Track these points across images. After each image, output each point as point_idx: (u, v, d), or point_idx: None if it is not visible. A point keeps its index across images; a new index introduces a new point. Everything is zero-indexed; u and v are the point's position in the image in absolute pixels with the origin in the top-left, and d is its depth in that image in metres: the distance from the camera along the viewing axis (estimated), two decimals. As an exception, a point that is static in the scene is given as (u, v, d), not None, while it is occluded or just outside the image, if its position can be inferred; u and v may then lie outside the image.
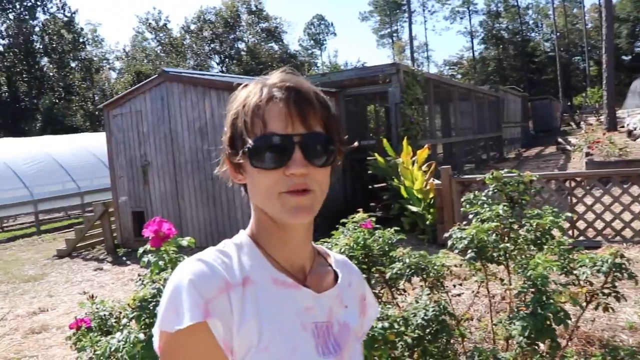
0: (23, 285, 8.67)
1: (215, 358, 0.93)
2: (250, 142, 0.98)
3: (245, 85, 1.06)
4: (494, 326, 3.60)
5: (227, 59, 55.48)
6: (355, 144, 1.26)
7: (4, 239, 14.16)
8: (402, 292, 3.70)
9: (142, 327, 2.43)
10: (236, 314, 0.94)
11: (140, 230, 2.66)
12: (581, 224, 7.32)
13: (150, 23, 56.40)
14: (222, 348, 0.93)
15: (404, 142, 9.70)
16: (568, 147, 20.66)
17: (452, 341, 3.69)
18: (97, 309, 3.18)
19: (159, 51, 55.37)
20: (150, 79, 10.33)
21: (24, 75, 43.69)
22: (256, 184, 1.00)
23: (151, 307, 2.44)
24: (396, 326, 2.75)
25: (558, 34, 63.59)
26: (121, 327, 2.68)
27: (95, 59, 51.70)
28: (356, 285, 1.21)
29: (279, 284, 1.02)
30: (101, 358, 2.76)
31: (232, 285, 0.95)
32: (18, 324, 6.55)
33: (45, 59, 45.80)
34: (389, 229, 3.82)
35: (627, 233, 7.06)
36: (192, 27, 56.16)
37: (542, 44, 72.02)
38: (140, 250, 2.67)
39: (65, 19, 45.69)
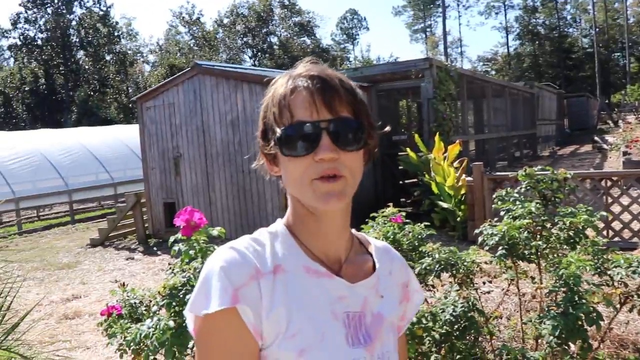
0: (57, 273, 8.87)
1: (244, 342, 0.96)
2: (280, 131, 1.00)
3: (276, 80, 1.08)
4: (523, 325, 3.55)
5: (259, 53, 55.71)
6: (387, 128, 1.27)
7: (40, 228, 14.51)
8: (431, 288, 3.67)
9: (172, 314, 2.46)
10: (266, 300, 0.97)
11: (171, 221, 2.69)
12: (617, 225, 7.17)
13: (183, 17, 56.99)
14: (251, 333, 0.96)
15: (436, 138, 9.62)
16: (605, 146, 20.23)
17: (480, 339, 3.66)
18: (127, 296, 3.23)
19: (192, 45, 55.92)
20: (183, 71, 10.43)
21: (61, 68, 44.71)
22: (289, 173, 1.03)
23: (181, 295, 2.47)
24: (424, 321, 2.74)
25: (597, 29, 62.17)
26: (151, 315, 2.72)
27: (129, 52, 52.53)
28: (398, 272, 1.21)
29: (312, 273, 1.03)
30: (131, 344, 2.81)
31: (262, 273, 0.98)
32: (52, 310, 6.71)
33: (81, 52, 46.77)
34: (418, 224, 3.80)
35: (665, 235, 6.89)
36: (225, 20, 56.55)
37: (580, 40, 70.52)
38: (171, 239, 2.70)
39: (101, 12, 46.58)
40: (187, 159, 10.11)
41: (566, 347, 2.78)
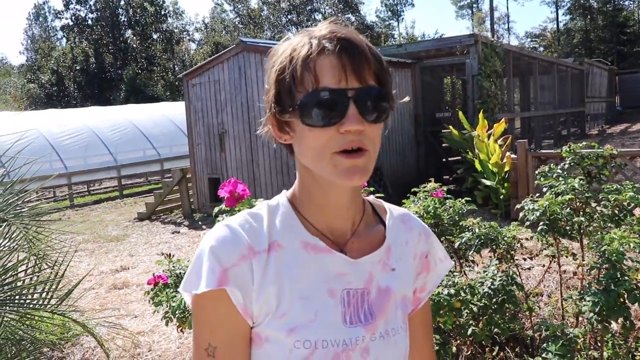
0: (107, 245, 9.18)
1: (233, 322, 0.96)
2: (301, 97, 0.92)
3: (287, 39, 1.00)
4: (563, 302, 3.54)
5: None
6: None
7: (91, 202, 14.97)
8: (471, 263, 3.69)
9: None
10: (257, 280, 0.94)
11: (216, 196, 2.77)
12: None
13: (228, -6, 57.20)
14: (240, 314, 0.95)
15: (480, 115, 9.50)
16: (658, 124, 19.57)
17: (519, 315, 3.67)
18: (173, 267, 3.36)
19: (237, 22, 56.15)
20: (228, 49, 10.53)
21: (110, 47, 45.65)
22: (307, 143, 0.95)
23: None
24: (462, 294, 2.76)
25: (654, 3, 59.54)
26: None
27: (175, 30, 53.08)
28: (415, 242, 1.14)
29: (310, 249, 0.99)
30: (176, 312, 2.93)
31: (256, 251, 0.95)
32: (102, 280, 6.97)
33: (129, 32, 47.56)
34: (460, 199, 3.80)
35: None
36: (270, -3, 56.50)
37: (637, 13, 67.79)
38: (216, 210, 2.79)
39: (148, -8, 47.13)
40: (231, 135, 10.25)
41: (607, 325, 2.76)
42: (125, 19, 47.04)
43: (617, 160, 3.91)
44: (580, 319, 3.30)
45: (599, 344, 3.10)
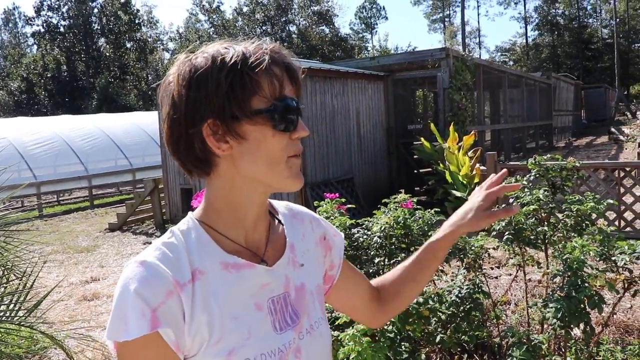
0: (77, 256, 9.09)
1: None
2: (268, 104, 0.95)
3: (223, 49, 0.98)
4: (529, 309, 3.63)
5: (278, 42, 55.51)
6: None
7: (60, 212, 14.78)
8: (440, 273, 3.76)
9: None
10: (187, 313, 0.92)
11: (188, 206, 2.80)
12: (629, 215, 7.20)
13: (203, 5, 57.16)
14: (173, 351, 0.91)
15: (451, 128, 9.66)
16: (621, 138, 20.09)
17: (487, 323, 3.76)
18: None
19: (211, 33, 56.06)
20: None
21: (82, 55, 45.19)
22: (267, 149, 0.97)
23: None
24: (430, 302, 2.83)
25: (617, 19, 61.21)
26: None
27: (149, 39, 52.81)
28: (310, 231, 1.20)
29: (230, 268, 0.99)
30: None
31: (181, 284, 0.92)
32: (72, 291, 6.90)
33: (103, 40, 47.13)
34: (429, 210, 3.88)
35: (677, 226, 6.91)
36: (245, 9, 56.51)
37: (600, 31, 69.51)
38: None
39: (122, 0, 46.77)
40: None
41: (569, 330, 2.86)
42: (99, 27, 46.59)
43: (581, 172, 4.03)
44: (545, 325, 3.40)
45: (562, 350, 3.20)
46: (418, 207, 3.93)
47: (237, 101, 0.93)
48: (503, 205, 3.59)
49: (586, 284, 2.74)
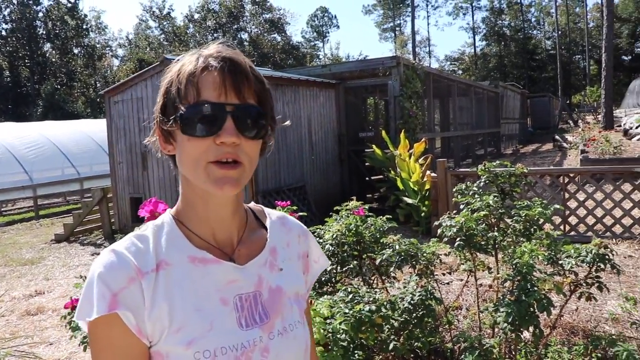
0: (20, 269, 8.75)
1: (129, 345, 0.97)
2: (182, 109, 0.98)
3: (182, 58, 1.07)
4: (480, 314, 3.68)
5: (233, 44, 55.29)
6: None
7: (3, 223, 14.24)
8: (392, 280, 3.77)
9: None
10: (147, 300, 0.97)
11: (138, 216, 2.72)
12: (573, 220, 7.41)
13: (154, 11, 56.41)
14: (135, 335, 0.96)
15: (402, 135, 9.77)
16: (565, 145, 20.74)
17: (439, 329, 3.79)
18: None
19: (162, 39, 55.35)
20: (152, 66, 10.37)
21: (26, 61, 43.84)
22: (185, 153, 1.00)
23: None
24: (383, 310, 2.82)
25: (559, 32, 63.45)
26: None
27: (98, 46, 51.71)
28: (296, 243, 1.22)
29: (197, 262, 1.03)
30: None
31: (143, 272, 0.97)
32: (14, 306, 6.63)
33: (48, 45, 45.88)
34: (381, 217, 3.89)
35: (617, 229, 7.15)
36: (196, 16, 56.07)
37: (544, 42, 71.95)
38: (136, 229, 2.73)
39: (69, 4, 45.72)
40: (154, 153, 9.97)
41: (519, 334, 2.90)
42: (44, 32, 45.34)
43: (528, 178, 4.12)
44: (495, 329, 3.44)
45: (513, 353, 3.25)
46: (370, 214, 3.95)
47: (168, 106, 1.02)
48: (455, 212, 3.64)
49: (535, 288, 2.80)
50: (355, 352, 2.72)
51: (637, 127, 20.76)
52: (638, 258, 6.00)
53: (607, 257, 3.01)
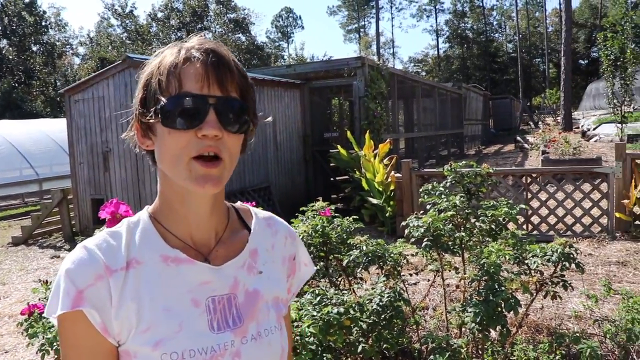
0: (-25, 272, 8.48)
1: (94, 343, 0.95)
2: (163, 100, 0.95)
3: (162, 52, 1.04)
4: (447, 314, 3.69)
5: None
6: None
7: (-43, 225, 13.80)
8: (360, 281, 3.75)
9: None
10: (115, 298, 0.95)
11: (99, 218, 2.64)
12: (535, 219, 7.53)
13: (116, 9, 55.42)
14: (101, 334, 0.95)
15: (367, 136, 9.79)
16: (526, 146, 21.15)
17: (407, 329, 3.78)
18: (51, 294, 3.13)
19: (124, 38, 54.42)
20: (114, 64, 10.17)
21: (-19, 58, 42.55)
22: (166, 147, 0.97)
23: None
24: (351, 312, 2.79)
25: (520, 35, 64.82)
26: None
27: (58, 43, 50.51)
28: (282, 245, 1.19)
29: (170, 262, 1.00)
30: (54, 343, 2.73)
31: (112, 270, 0.96)
32: (-32, 312, 6.41)
33: (4, 41, 44.58)
34: (347, 217, 3.87)
35: (578, 228, 7.29)
36: (159, 15, 55.31)
37: (505, 45, 73.32)
38: (97, 232, 2.64)
39: (27, 0, 44.52)
40: (116, 154, 9.86)
41: (487, 333, 2.91)
42: (0, 28, 44.13)
43: (492, 178, 4.15)
44: (463, 329, 3.45)
45: (480, 352, 3.26)
46: (336, 215, 3.92)
47: (148, 99, 0.99)
48: (422, 212, 3.64)
49: (503, 288, 2.81)
50: (324, 355, 2.68)
51: (594, 129, 21.32)
52: (598, 256, 6.12)
53: (572, 256, 3.05)
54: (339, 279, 3.90)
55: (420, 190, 3.92)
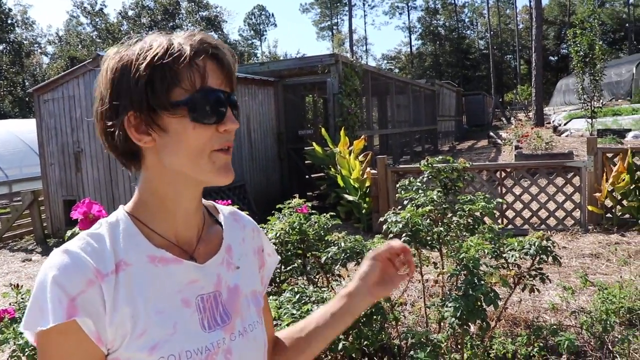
0: (-57, 277, 8.26)
1: (86, 354, 0.90)
2: (187, 95, 0.93)
3: (139, 40, 0.99)
4: (427, 309, 3.69)
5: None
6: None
7: None
8: (338, 278, 3.73)
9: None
10: (108, 304, 0.90)
11: (72, 219, 2.57)
12: (510, 213, 7.60)
13: (85, 7, 54.60)
14: (94, 343, 0.89)
15: (342, 133, 9.77)
16: (499, 141, 21.34)
17: (386, 325, 3.77)
18: (22, 299, 3.05)
19: (94, 37, 53.65)
20: (84, 63, 10.00)
21: (-55, 57, 41.58)
22: (188, 141, 0.94)
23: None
24: (332, 309, 2.76)
25: (492, 32, 65.51)
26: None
27: (25, 42, 49.56)
28: (250, 238, 1.19)
29: (157, 262, 0.97)
30: (26, 349, 2.66)
31: (103, 274, 0.90)
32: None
33: (-31, 41, 43.68)
34: (324, 214, 3.85)
35: (552, 222, 7.38)
36: (130, 13, 54.71)
37: (477, 42, 74.12)
38: (69, 233, 2.58)
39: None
40: (88, 154, 9.70)
41: (467, 328, 2.92)
42: (-36, 26, 43.19)
43: (468, 173, 4.17)
44: (442, 324, 3.46)
45: (459, 346, 3.27)
46: (313, 211, 3.90)
47: (155, 93, 0.92)
48: (400, 207, 3.63)
49: (482, 282, 2.81)
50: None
51: (565, 124, 21.64)
52: (571, 249, 6.20)
53: (549, 249, 3.07)
54: (317, 277, 3.88)
55: (398, 185, 3.91)
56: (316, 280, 3.87)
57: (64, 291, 0.86)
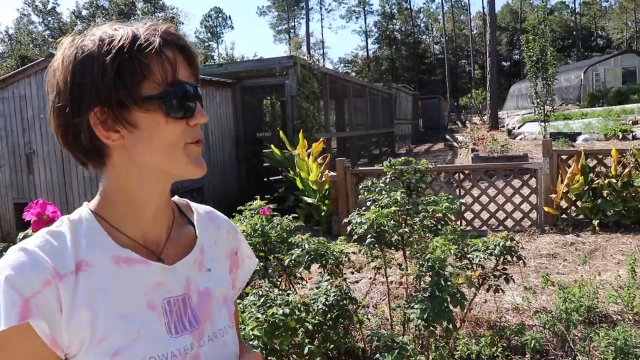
0: None
1: (41, 358, 0.84)
2: (160, 89, 0.88)
3: (104, 28, 0.93)
4: (392, 311, 3.66)
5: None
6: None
7: None
8: (300, 281, 3.68)
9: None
10: (65, 306, 0.84)
11: (24, 222, 2.45)
12: (468, 215, 7.67)
13: (36, 5, 53.13)
14: (49, 347, 0.83)
15: (300, 135, 9.72)
16: (455, 144, 21.69)
17: (350, 328, 3.73)
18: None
19: (46, 36, 52.25)
20: (36, 62, 9.69)
21: None
22: (161, 137, 0.90)
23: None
24: (297, 312, 2.71)
25: (447, 38, 66.66)
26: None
27: (-29, 41, 47.95)
28: (224, 240, 1.15)
29: (122, 263, 0.92)
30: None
31: (61, 274, 0.85)
32: None
33: None
34: (286, 216, 3.80)
35: (509, 223, 7.48)
36: (84, 12, 53.45)
37: (432, 47, 75.28)
38: (20, 235, 2.45)
39: None
40: (40, 155, 9.38)
41: (433, 329, 2.90)
42: None
43: (428, 174, 4.17)
44: (407, 326, 3.43)
45: (424, 349, 3.24)
46: (275, 213, 3.84)
47: (125, 87, 0.86)
48: (363, 209, 3.59)
49: (449, 283, 2.79)
50: (269, 358, 2.59)
51: (519, 128, 22.15)
52: (529, 249, 6.28)
53: (513, 249, 3.08)
54: (279, 279, 3.81)
55: (360, 187, 3.88)
56: (278, 283, 3.80)
57: (18, 292, 0.81)
